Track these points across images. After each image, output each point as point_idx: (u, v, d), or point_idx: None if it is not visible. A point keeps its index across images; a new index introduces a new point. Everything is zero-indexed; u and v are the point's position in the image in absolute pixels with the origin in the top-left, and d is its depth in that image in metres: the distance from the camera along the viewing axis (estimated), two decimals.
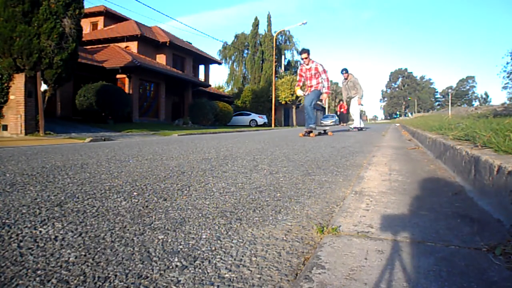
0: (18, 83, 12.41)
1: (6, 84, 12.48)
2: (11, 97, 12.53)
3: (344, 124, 26.20)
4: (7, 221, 1.78)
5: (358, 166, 3.83)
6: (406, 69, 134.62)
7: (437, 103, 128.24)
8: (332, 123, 45.77)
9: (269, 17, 46.32)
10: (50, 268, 1.25)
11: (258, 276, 1.20)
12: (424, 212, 1.85)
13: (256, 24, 46.72)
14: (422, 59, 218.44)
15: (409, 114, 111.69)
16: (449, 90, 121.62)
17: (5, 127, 12.54)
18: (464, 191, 2.36)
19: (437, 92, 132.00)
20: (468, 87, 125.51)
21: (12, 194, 2.36)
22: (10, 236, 1.57)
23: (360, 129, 14.53)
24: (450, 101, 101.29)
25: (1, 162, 4.08)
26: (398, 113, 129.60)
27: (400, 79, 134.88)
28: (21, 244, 1.47)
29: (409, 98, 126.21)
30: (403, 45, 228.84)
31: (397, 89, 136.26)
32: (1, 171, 3.38)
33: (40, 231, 1.63)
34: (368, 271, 1.17)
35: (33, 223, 1.75)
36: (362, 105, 13.99)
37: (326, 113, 57.46)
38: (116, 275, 1.20)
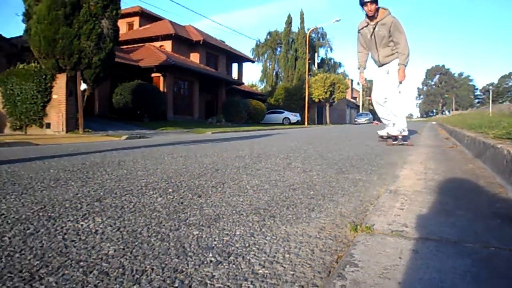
0: (60, 82, 12.92)
1: (49, 84, 13.03)
2: (54, 96, 13.05)
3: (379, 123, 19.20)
4: (52, 214, 1.87)
5: (393, 165, 3.77)
6: (443, 66, 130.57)
7: (476, 100, 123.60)
8: (366, 122, 44.95)
9: (302, 15, 46.02)
10: (92, 260, 1.30)
11: (291, 272, 1.21)
12: (462, 212, 1.81)
13: (289, 22, 46.52)
14: (461, 55, 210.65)
15: (446, 112, 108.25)
16: (490, 87, 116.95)
17: (48, 125, 13.08)
18: (505, 191, 2.28)
19: (476, 89, 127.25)
20: (511, 84, 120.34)
21: (56, 189, 2.48)
22: (55, 228, 1.65)
23: (404, 139, 6.31)
24: (491, 98, 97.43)
25: (46, 158, 4.27)
26: (434, 111, 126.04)
27: (437, 76, 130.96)
28: (65, 236, 1.55)
29: (446, 96, 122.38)
30: (440, 41, 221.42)
31: (433, 86, 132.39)
32: (46, 167, 3.54)
33: (82, 225, 1.70)
34: (402, 270, 1.16)
35: (75, 217, 1.83)
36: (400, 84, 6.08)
37: (360, 111, 56.55)
38: (153, 269, 1.24)
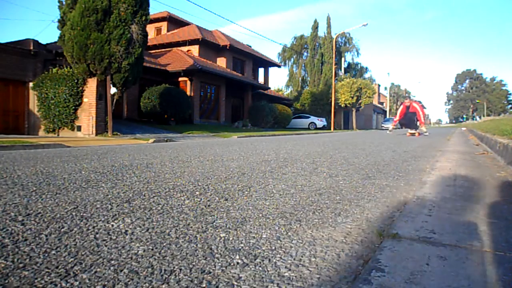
0: (91, 86, 13.29)
1: (81, 88, 13.42)
2: (85, 100, 13.43)
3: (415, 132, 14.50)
4: (84, 214, 1.94)
5: (420, 171, 3.71)
6: (474, 70, 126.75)
7: (509, 106, 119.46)
8: (394, 127, 44.12)
9: (328, 19, 45.70)
10: (122, 259, 1.34)
11: (317, 276, 1.22)
12: (493, 220, 1.77)
13: (315, 27, 46.27)
14: (493, 59, 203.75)
15: (477, 118, 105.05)
16: None
17: (79, 128, 13.45)
18: None
19: (510, 94, 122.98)
20: None
21: (87, 190, 2.56)
22: (87, 228, 1.70)
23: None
24: None
25: (77, 160, 4.40)
26: (465, 116, 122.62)
27: (467, 81, 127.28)
28: (97, 236, 1.60)
29: (477, 101, 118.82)
30: (471, 45, 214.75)
31: (463, 91, 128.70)
32: (78, 168, 3.65)
33: (112, 225, 1.75)
34: (430, 277, 1.14)
35: (106, 217, 1.89)
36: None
37: (387, 116, 55.60)
38: (180, 269, 1.27)
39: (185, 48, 26.39)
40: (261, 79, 35.31)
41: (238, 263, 1.33)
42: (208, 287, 1.14)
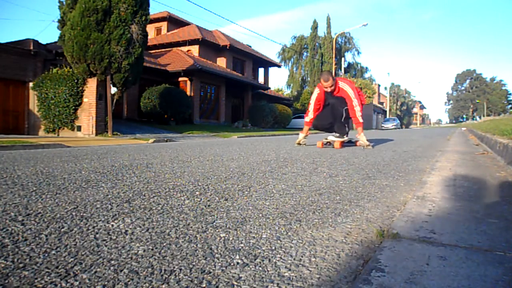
0: (91, 86, 13.32)
1: (81, 88, 13.45)
2: (85, 100, 13.46)
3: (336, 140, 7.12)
4: (84, 214, 1.94)
5: (420, 171, 3.71)
6: (474, 70, 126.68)
7: (509, 106, 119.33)
8: (393, 127, 44.05)
9: (328, 20, 45.73)
10: (122, 259, 1.34)
11: (317, 276, 1.22)
12: (493, 220, 1.77)
13: (314, 27, 46.28)
14: (493, 59, 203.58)
15: (477, 118, 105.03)
16: None
17: (79, 128, 13.47)
18: None
19: (510, 94, 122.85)
20: None
21: (87, 190, 2.56)
22: (87, 228, 1.70)
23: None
24: None
25: (77, 160, 4.40)
26: (465, 116, 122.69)
27: (467, 81, 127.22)
28: (97, 236, 1.60)
29: (477, 101, 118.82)
30: (471, 45, 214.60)
31: (464, 91, 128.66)
32: (78, 168, 3.66)
33: (112, 225, 1.75)
34: (430, 277, 1.14)
35: (106, 217, 1.89)
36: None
37: (387, 116, 55.65)
38: (180, 269, 1.27)
39: (185, 48, 26.39)
40: (261, 79, 35.31)
41: (238, 263, 1.33)
42: (208, 287, 1.14)
